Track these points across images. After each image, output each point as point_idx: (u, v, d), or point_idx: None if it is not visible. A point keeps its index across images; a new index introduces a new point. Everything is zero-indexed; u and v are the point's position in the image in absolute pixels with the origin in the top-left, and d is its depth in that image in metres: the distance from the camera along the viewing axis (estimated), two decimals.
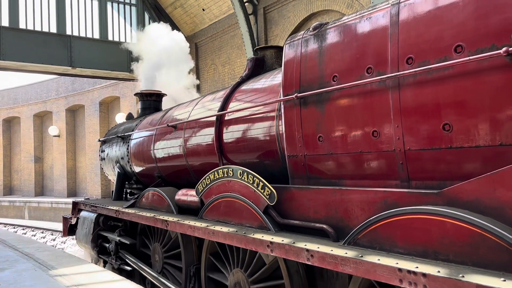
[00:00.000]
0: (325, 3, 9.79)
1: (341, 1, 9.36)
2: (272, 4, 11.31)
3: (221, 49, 13.70)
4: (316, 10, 10.06)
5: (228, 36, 13.25)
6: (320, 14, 10.13)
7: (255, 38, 11.56)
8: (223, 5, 12.91)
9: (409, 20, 2.64)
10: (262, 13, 11.59)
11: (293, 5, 10.72)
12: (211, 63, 14.22)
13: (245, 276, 3.49)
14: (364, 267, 2.36)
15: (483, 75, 2.27)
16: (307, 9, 10.27)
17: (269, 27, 11.60)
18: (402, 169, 2.68)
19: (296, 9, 10.61)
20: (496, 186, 2.08)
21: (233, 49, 13.07)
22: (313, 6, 10.10)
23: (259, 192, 3.33)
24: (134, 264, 5.24)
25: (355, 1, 8.96)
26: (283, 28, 11.07)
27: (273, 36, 11.45)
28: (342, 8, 9.25)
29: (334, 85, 3.02)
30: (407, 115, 2.60)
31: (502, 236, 1.96)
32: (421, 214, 2.27)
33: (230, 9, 12.34)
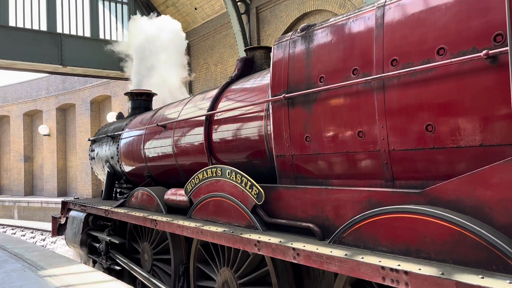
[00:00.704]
0: (317, 3, 9.82)
1: (334, 1, 9.38)
2: (264, 3, 11.31)
3: (213, 49, 13.69)
4: (308, 10, 10.09)
5: (221, 36, 13.24)
6: (313, 14, 10.16)
7: (248, 37, 11.56)
8: (216, 4, 12.90)
9: (394, 22, 2.68)
10: (255, 12, 11.59)
11: (285, 5, 10.74)
12: (203, 62, 14.20)
13: (232, 275, 3.51)
14: (349, 266, 2.40)
15: (465, 77, 2.33)
16: (300, 9, 10.29)
17: (262, 26, 11.62)
18: (387, 169, 2.72)
19: (288, 9, 10.63)
20: (476, 185, 2.13)
21: (226, 49, 13.07)
22: (305, 6, 10.13)
23: (247, 192, 3.35)
24: (125, 265, 5.23)
25: (347, 1, 8.99)
26: (275, 27, 11.09)
27: (265, 35, 11.47)
28: (335, 8, 9.28)
29: (321, 86, 3.05)
30: (391, 116, 2.64)
31: (481, 234, 2.01)
32: (403, 213, 2.31)
33: (223, 8, 12.33)
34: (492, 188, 2.06)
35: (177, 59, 9.03)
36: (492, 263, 1.97)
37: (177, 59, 9.03)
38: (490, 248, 1.97)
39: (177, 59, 9.03)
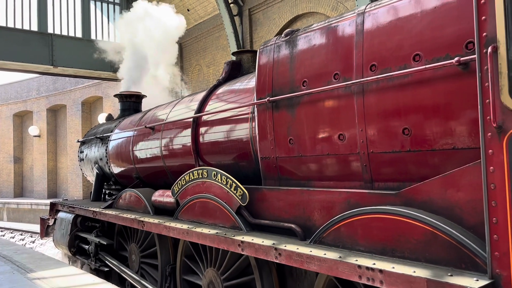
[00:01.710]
0: (310, 5, 9.86)
1: (326, 4, 9.43)
2: (257, 5, 11.32)
3: (205, 50, 13.70)
4: (301, 12, 10.10)
5: (213, 37, 13.26)
6: (305, 16, 10.19)
7: (240, 39, 11.58)
8: (208, 5, 12.93)
9: (373, 29, 2.77)
10: (247, 14, 11.60)
11: (278, 7, 10.77)
12: (196, 63, 14.22)
13: (217, 275, 3.56)
14: (327, 265, 2.47)
15: (439, 82, 2.42)
16: (292, 11, 10.32)
17: (254, 28, 11.64)
18: (366, 171, 2.81)
19: (281, 11, 10.64)
20: (447, 187, 2.22)
21: (218, 50, 13.09)
22: (298, 8, 10.16)
23: (232, 193, 3.41)
24: (115, 267, 5.23)
25: (340, 4, 9.04)
26: (268, 29, 11.13)
27: (258, 37, 11.49)
28: (327, 11, 9.31)
29: (304, 90, 3.13)
30: (370, 120, 2.72)
31: (451, 234, 2.09)
32: (379, 213, 2.39)
33: (215, 10, 12.35)
34: (462, 189, 2.15)
35: (169, 59, 9.05)
36: (461, 262, 2.05)
37: (169, 59, 9.05)
38: (459, 247, 2.06)
39: (169, 59, 9.05)
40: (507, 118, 1.85)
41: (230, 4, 11.31)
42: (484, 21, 1.93)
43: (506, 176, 1.85)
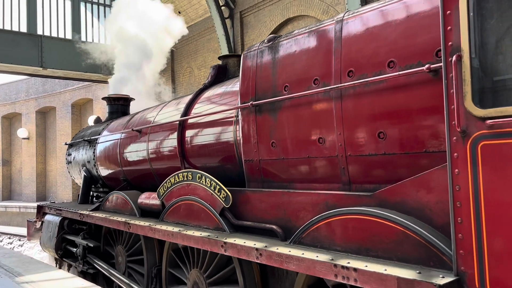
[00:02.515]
0: (301, 8, 9.86)
1: (317, 7, 9.47)
2: (248, 8, 11.27)
3: (197, 52, 13.68)
4: (292, 16, 10.06)
5: (204, 40, 13.25)
6: (296, 20, 10.17)
7: (232, 42, 11.58)
8: (199, 8, 12.94)
9: (351, 36, 2.87)
10: (239, 17, 11.59)
11: (269, 10, 10.75)
12: (187, 66, 14.22)
13: (202, 276, 3.62)
14: (305, 264, 2.55)
15: (411, 88, 2.52)
16: (283, 14, 10.28)
17: (246, 31, 11.65)
18: (344, 173, 2.90)
19: (272, 14, 10.60)
20: (418, 189, 2.32)
21: (209, 53, 13.07)
22: (289, 11, 10.15)
23: (215, 195, 3.48)
24: (104, 270, 5.23)
25: (330, 7, 9.09)
26: (259, 32, 11.13)
27: (249, 40, 11.49)
28: (318, 14, 9.33)
29: (285, 95, 3.22)
30: (347, 124, 2.82)
31: (421, 233, 2.19)
32: (355, 214, 2.48)
33: (207, 12, 12.34)
34: (431, 191, 2.25)
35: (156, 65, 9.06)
36: (430, 260, 2.15)
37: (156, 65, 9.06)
38: (428, 246, 2.16)
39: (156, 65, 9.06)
40: (470, 123, 1.95)
41: (221, 6, 11.33)
42: (449, 31, 2.04)
43: (470, 178, 1.95)
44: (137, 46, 8.54)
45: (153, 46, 9.10)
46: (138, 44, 8.56)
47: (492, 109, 1.88)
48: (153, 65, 9.36)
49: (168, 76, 14.45)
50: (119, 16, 9.10)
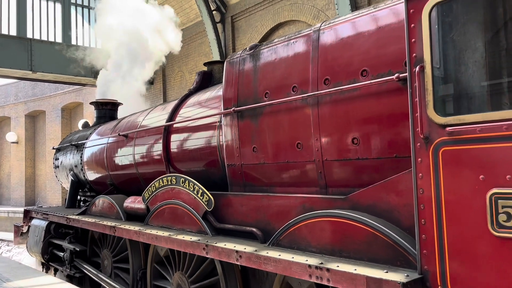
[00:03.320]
0: (292, 13, 9.93)
1: (308, 12, 9.54)
2: (239, 13, 11.31)
3: (188, 57, 13.70)
4: (283, 20, 10.12)
5: (196, 44, 13.26)
6: (287, 24, 10.20)
7: (223, 46, 11.62)
8: (191, 12, 12.99)
9: (327, 45, 2.99)
10: (230, 21, 11.60)
11: (260, 15, 10.78)
12: (178, 70, 14.25)
13: (185, 278, 3.69)
14: (282, 265, 2.64)
15: (382, 96, 2.64)
16: (274, 19, 10.34)
17: (237, 35, 11.70)
18: (321, 177, 3.01)
19: (263, 19, 10.65)
20: (388, 192, 2.43)
21: (201, 57, 13.07)
22: (280, 16, 10.21)
23: (198, 199, 3.56)
24: (92, 274, 5.23)
25: (321, 13, 9.18)
26: (250, 37, 11.18)
27: (240, 44, 11.55)
28: (309, 19, 9.40)
29: (266, 101, 3.32)
30: (324, 130, 2.93)
31: (389, 235, 2.30)
32: (329, 217, 2.59)
33: (198, 16, 12.38)
34: (399, 194, 2.36)
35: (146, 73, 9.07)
36: (397, 260, 2.26)
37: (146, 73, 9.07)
38: (396, 247, 2.27)
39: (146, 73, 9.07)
40: (432, 130, 2.07)
41: (213, 11, 11.38)
42: (413, 43, 2.17)
43: (432, 182, 2.07)
44: (127, 50, 8.55)
45: (144, 50, 9.12)
46: (129, 48, 8.58)
47: (451, 117, 2.00)
48: (144, 69, 9.38)
49: (160, 80, 14.47)
50: (109, 18, 9.08)
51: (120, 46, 8.70)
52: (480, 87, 2.00)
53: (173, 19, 9.79)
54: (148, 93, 14.44)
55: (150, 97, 14.45)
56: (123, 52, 8.64)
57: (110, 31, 9.02)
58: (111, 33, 9.02)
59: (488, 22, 2.01)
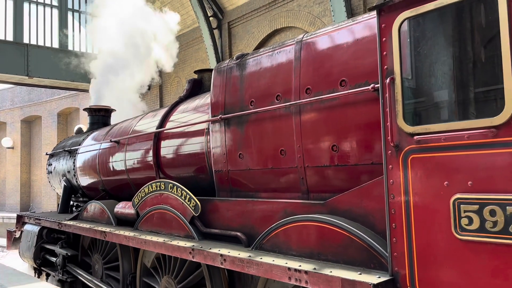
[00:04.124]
0: (288, 20, 10.02)
1: (304, 19, 9.63)
2: (236, 19, 11.38)
3: (185, 62, 13.78)
4: (279, 27, 10.21)
5: (193, 50, 13.35)
6: (284, 31, 10.28)
7: (220, 52, 11.68)
8: (188, 18, 13.10)
9: (308, 56, 3.11)
10: (227, 27, 11.65)
11: (257, 21, 10.84)
12: (175, 76, 14.34)
13: (173, 282, 3.77)
14: (264, 268, 2.74)
15: (359, 106, 2.76)
16: (271, 25, 10.43)
17: (234, 41, 11.78)
18: (303, 183, 3.11)
19: (260, 25, 10.74)
20: (363, 197, 2.54)
21: (197, 63, 13.16)
22: (276, 22, 10.29)
23: (186, 204, 3.65)
24: (84, 278, 5.28)
25: (317, 19, 9.25)
26: (247, 43, 11.24)
27: (237, 50, 11.61)
28: (305, 26, 9.49)
29: (251, 109, 3.43)
30: (305, 137, 3.04)
31: (363, 238, 2.40)
32: (307, 221, 2.69)
33: (195, 22, 12.47)
34: (374, 199, 2.47)
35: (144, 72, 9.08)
36: (371, 262, 2.36)
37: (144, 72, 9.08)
38: (370, 250, 2.37)
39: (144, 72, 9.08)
40: (402, 139, 2.19)
41: (210, 17, 11.42)
42: (385, 56, 2.29)
43: (402, 188, 2.18)
44: (123, 55, 8.59)
45: (141, 55, 9.17)
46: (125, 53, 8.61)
47: (419, 126, 2.12)
48: (140, 74, 9.43)
49: (156, 85, 14.56)
50: (103, 21, 9.12)
51: (115, 52, 8.73)
52: (445, 98, 2.12)
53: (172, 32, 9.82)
54: (145, 98, 14.54)
55: (147, 102, 14.52)
56: (119, 57, 8.67)
57: (105, 36, 9.06)
58: (106, 37, 9.06)
59: (452, 36, 2.13)
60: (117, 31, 8.85)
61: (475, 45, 2.05)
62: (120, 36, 8.79)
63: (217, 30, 11.78)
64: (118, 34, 8.82)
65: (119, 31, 8.83)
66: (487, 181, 1.87)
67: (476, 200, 1.90)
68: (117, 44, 8.73)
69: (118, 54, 8.59)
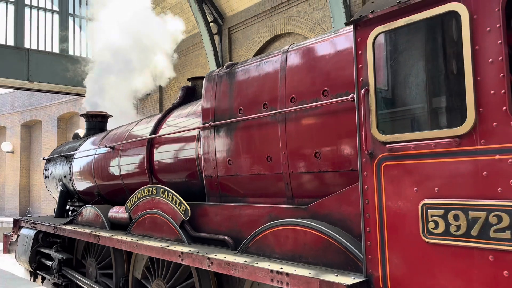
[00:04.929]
0: (288, 26, 10.10)
1: (304, 25, 9.71)
2: (236, 25, 11.47)
3: (185, 67, 13.89)
4: (279, 33, 10.28)
5: (193, 55, 13.45)
6: (284, 37, 10.35)
7: (220, 57, 11.75)
8: (188, 24, 13.22)
9: (293, 66, 3.24)
10: (227, 33, 11.73)
11: (257, 27, 10.92)
12: (175, 81, 14.45)
13: (164, 284, 3.87)
14: (248, 270, 2.84)
15: (340, 115, 2.88)
16: (271, 31, 10.51)
17: (234, 47, 11.84)
18: (288, 188, 3.23)
19: (260, 31, 10.82)
20: (341, 203, 2.65)
21: (198, 68, 13.26)
22: (276, 28, 10.37)
23: (176, 209, 3.76)
24: (80, 282, 5.36)
25: (317, 25, 9.32)
26: (247, 49, 11.27)
27: (237, 56, 11.68)
28: (305, 32, 9.58)
29: (240, 117, 3.56)
30: (290, 144, 3.16)
31: (341, 242, 2.51)
32: (290, 225, 2.80)
33: (195, 28, 12.57)
34: (351, 204, 2.58)
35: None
36: (348, 264, 2.47)
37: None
38: (347, 253, 2.48)
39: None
40: (375, 147, 2.31)
41: (210, 23, 11.47)
42: (361, 68, 2.41)
43: (375, 193, 2.29)
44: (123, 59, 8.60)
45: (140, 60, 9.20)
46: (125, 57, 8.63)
47: (390, 135, 2.24)
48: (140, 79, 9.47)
49: (156, 90, 14.67)
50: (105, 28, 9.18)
51: (116, 55, 8.73)
52: (415, 109, 2.24)
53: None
54: (145, 103, 14.67)
55: (147, 107, 14.67)
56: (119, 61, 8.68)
57: (105, 41, 9.13)
58: (106, 42, 9.12)
59: (421, 51, 2.26)
60: (118, 36, 8.91)
61: (442, 60, 2.17)
62: (121, 41, 8.85)
63: (217, 35, 11.86)
64: (119, 39, 8.87)
65: (120, 36, 8.89)
66: (451, 188, 1.99)
67: (441, 205, 2.01)
68: (118, 48, 8.79)
69: (119, 58, 8.64)
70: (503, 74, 1.85)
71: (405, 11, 2.19)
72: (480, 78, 1.92)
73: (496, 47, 1.88)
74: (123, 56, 8.63)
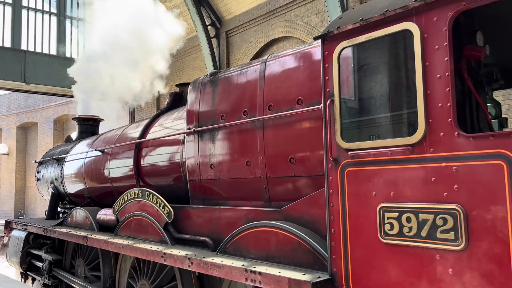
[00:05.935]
0: (285, 29, 10.22)
1: (301, 29, 9.83)
2: (234, 28, 11.57)
3: (182, 70, 13.98)
4: (277, 36, 10.41)
5: (190, 58, 13.52)
6: (281, 40, 10.47)
7: (217, 61, 11.81)
8: (186, 27, 13.35)
9: (271, 76, 3.41)
10: (225, 36, 11.82)
11: (255, 31, 11.03)
12: (172, 84, 14.53)
13: (148, 284, 4.00)
14: (225, 270, 2.99)
15: (313, 122, 3.04)
16: (269, 35, 10.63)
17: (231, 50, 11.85)
18: (266, 192, 3.38)
19: (258, 35, 10.93)
20: (311, 205, 2.81)
21: (195, 71, 13.33)
22: (274, 32, 10.49)
23: (160, 211, 3.91)
24: (69, 281, 5.48)
25: (314, 29, 9.45)
26: (245, 52, 11.35)
27: (235, 59, 11.75)
28: (302, 36, 9.70)
29: (222, 123, 3.71)
30: (267, 149, 3.32)
31: (309, 243, 2.67)
32: (265, 227, 2.95)
33: (193, 31, 12.64)
34: (320, 207, 2.73)
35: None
36: (315, 264, 2.62)
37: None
38: (315, 253, 2.63)
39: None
40: (340, 154, 2.47)
41: (208, 26, 11.51)
42: (327, 80, 2.58)
43: (339, 197, 2.45)
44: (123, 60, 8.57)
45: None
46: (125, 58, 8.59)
47: (352, 143, 2.40)
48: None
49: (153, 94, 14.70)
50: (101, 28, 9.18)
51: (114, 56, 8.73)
52: (374, 119, 2.41)
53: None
54: (142, 106, 14.78)
55: (144, 110, 14.77)
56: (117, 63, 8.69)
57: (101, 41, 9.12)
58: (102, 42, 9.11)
59: (380, 64, 2.43)
60: (115, 37, 8.91)
61: (398, 74, 2.34)
62: (117, 42, 8.85)
63: (215, 39, 11.90)
64: (116, 40, 8.87)
65: (117, 37, 8.89)
66: (405, 192, 2.15)
67: (396, 208, 2.17)
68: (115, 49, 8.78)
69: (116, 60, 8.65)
70: (449, 89, 2.02)
71: (366, 28, 2.36)
72: (430, 91, 2.09)
73: (443, 64, 2.05)
74: (118, 57, 8.66)
